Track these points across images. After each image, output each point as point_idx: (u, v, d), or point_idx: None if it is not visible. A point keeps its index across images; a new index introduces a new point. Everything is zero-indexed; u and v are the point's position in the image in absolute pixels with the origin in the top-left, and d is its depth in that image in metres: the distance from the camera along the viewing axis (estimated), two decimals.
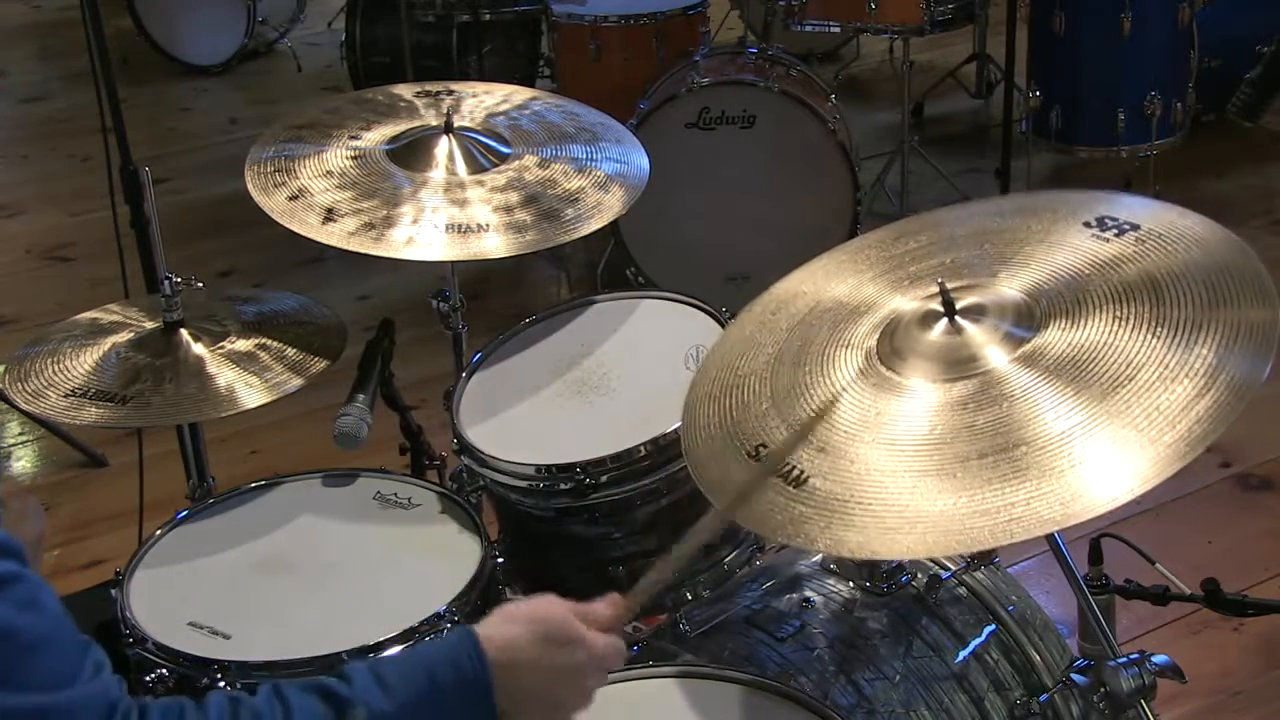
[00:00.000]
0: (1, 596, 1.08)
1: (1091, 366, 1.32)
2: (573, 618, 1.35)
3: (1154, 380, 1.28)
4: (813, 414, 1.42)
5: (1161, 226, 1.45)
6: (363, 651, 1.66)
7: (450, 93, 2.41)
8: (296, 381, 2.01)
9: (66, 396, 1.96)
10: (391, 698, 1.24)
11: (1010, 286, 1.46)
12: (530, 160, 2.24)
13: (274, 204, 2.11)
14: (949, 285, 1.44)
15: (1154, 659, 1.53)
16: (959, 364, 1.39)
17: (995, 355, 1.38)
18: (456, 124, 2.26)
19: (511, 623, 1.33)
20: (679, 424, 1.60)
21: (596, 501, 1.94)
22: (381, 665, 1.28)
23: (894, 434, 1.36)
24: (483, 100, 2.40)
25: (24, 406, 1.99)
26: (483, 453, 1.97)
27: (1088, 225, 1.49)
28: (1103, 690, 1.53)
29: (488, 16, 4.77)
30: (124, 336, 2.09)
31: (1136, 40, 4.02)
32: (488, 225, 2.10)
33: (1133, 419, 1.25)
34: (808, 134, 3.69)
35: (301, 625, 1.74)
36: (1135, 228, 1.46)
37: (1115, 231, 1.46)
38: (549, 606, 1.36)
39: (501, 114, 2.36)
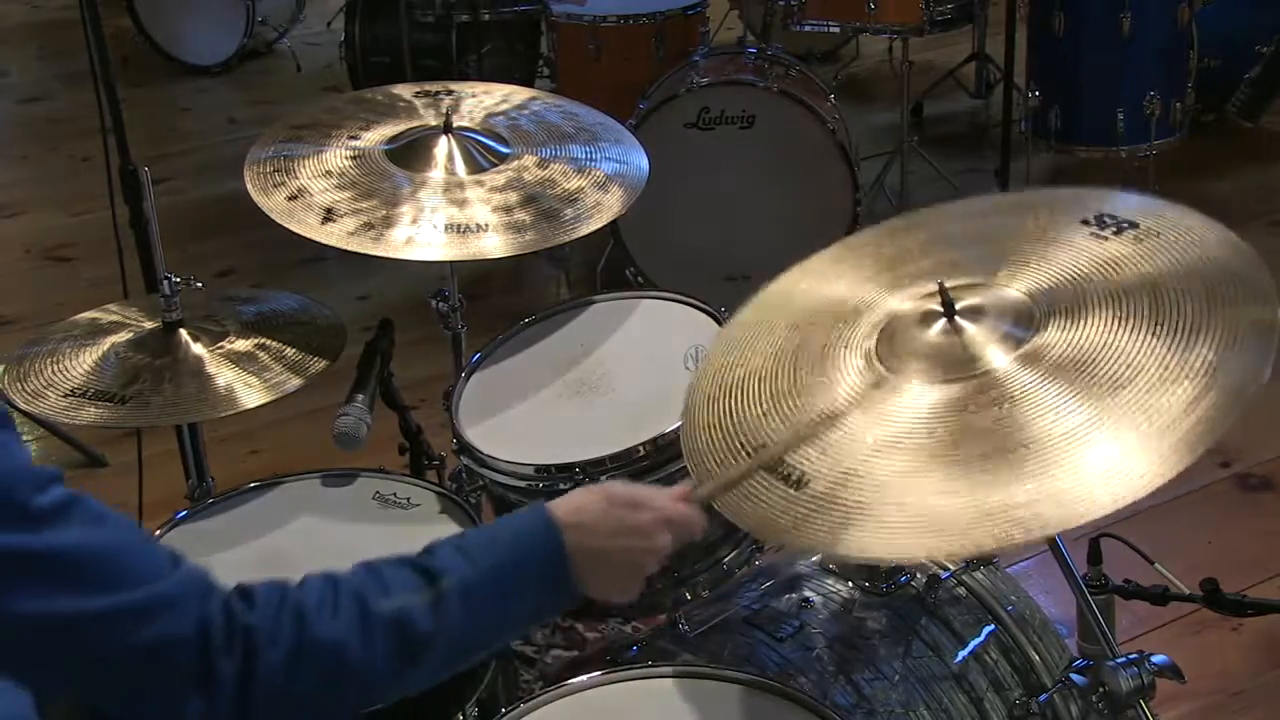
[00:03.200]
0: (70, 520, 1.13)
1: (1092, 367, 1.32)
2: (642, 490, 1.44)
3: (1154, 381, 1.28)
4: (819, 418, 1.42)
5: (1160, 225, 1.45)
6: None
7: (449, 93, 2.41)
8: (296, 381, 2.01)
9: (66, 396, 1.96)
10: (475, 566, 1.31)
11: (1009, 286, 1.46)
12: (529, 160, 2.24)
13: (273, 204, 2.11)
14: (948, 284, 1.44)
15: (1153, 659, 1.53)
16: (959, 365, 1.39)
17: (995, 355, 1.38)
18: (456, 124, 2.26)
19: (581, 492, 1.43)
20: (679, 424, 1.60)
21: None
22: (463, 538, 1.36)
23: (894, 435, 1.36)
24: (482, 100, 2.40)
25: (23, 406, 1.99)
26: (482, 453, 1.97)
27: (1086, 223, 1.49)
28: (1102, 690, 1.53)
29: (487, 16, 4.77)
30: (123, 336, 2.09)
31: (1136, 40, 4.02)
32: (487, 225, 2.10)
33: (1134, 420, 1.25)
34: (807, 134, 3.69)
35: None
36: (1134, 225, 1.46)
37: (1114, 229, 1.46)
38: (618, 484, 1.46)
39: (501, 114, 2.36)
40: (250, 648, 1.20)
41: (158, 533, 1.96)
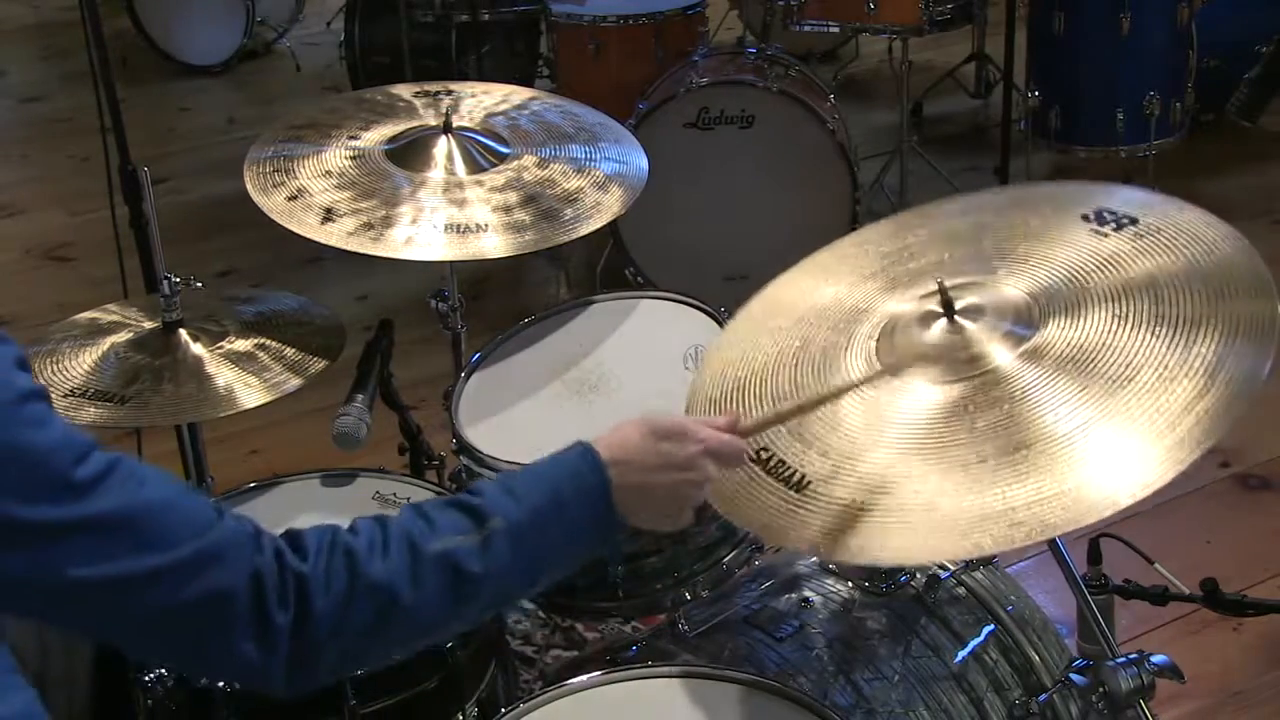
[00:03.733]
0: (111, 485, 1.14)
1: (1091, 367, 1.31)
2: (686, 420, 1.43)
3: (1154, 381, 1.27)
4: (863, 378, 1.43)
5: (1160, 221, 1.45)
6: None
7: (449, 93, 2.41)
8: (296, 381, 2.01)
9: (66, 396, 1.96)
10: (522, 506, 1.31)
11: (1009, 284, 1.46)
12: (529, 160, 2.24)
13: (273, 204, 2.11)
14: (947, 283, 1.44)
15: (1153, 659, 1.53)
16: (959, 364, 1.39)
17: (995, 355, 1.38)
18: (455, 124, 2.26)
19: (624, 426, 1.41)
20: None
21: None
22: (509, 479, 1.36)
23: (894, 436, 1.36)
24: (482, 100, 2.40)
25: None
26: (482, 453, 1.97)
27: (1086, 219, 1.49)
28: (1102, 690, 1.52)
29: (487, 16, 4.77)
30: (123, 336, 2.09)
31: (1135, 40, 4.01)
32: (487, 225, 2.10)
33: (1134, 420, 1.25)
34: (807, 134, 3.69)
35: None
36: (1134, 221, 1.45)
37: (1114, 225, 1.46)
38: (662, 415, 1.43)
39: (500, 114, 2.36)
40: (303, 594, 1.20)
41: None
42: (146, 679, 1.72)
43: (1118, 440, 1.24)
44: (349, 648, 1.23)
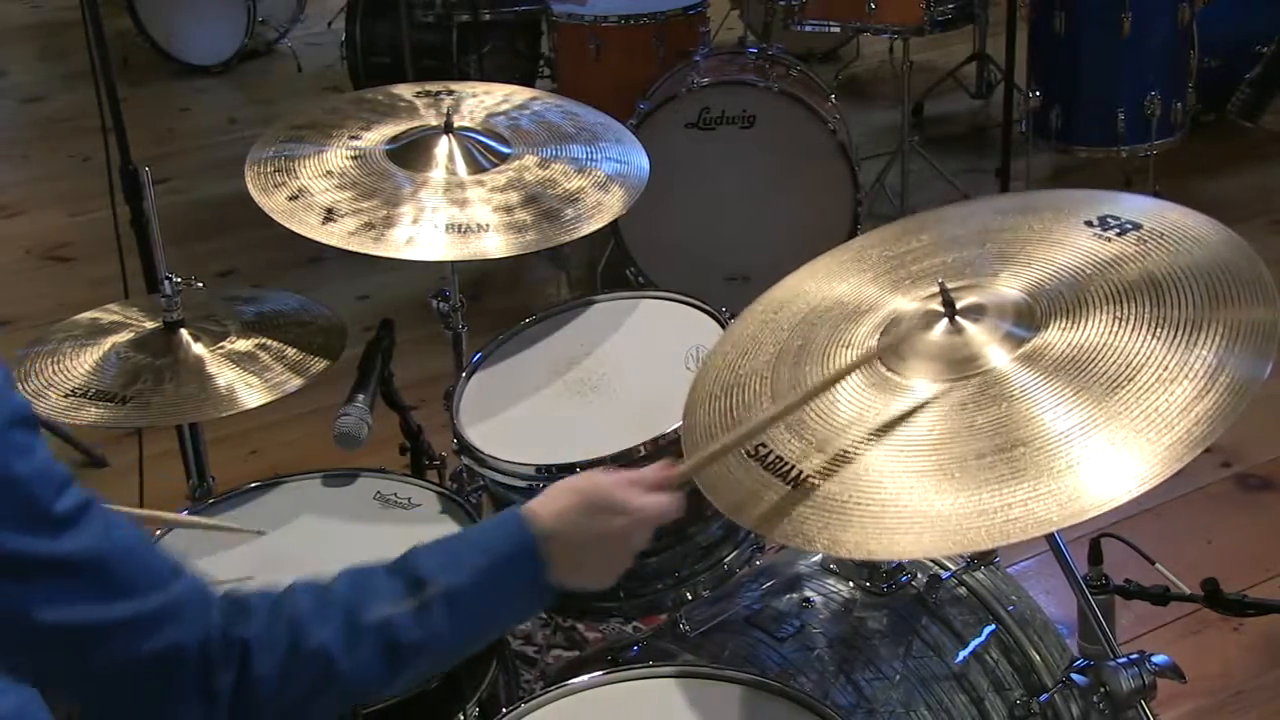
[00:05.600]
0: (86, 524, 1.13)
1: (1091, 367, 1.32)
2: (615, 486, 1.43)
3: (1153, 381, 1.28)
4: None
5: (1163, 226, 1.45)
6: None
7: (450, 93, 2.41)
8: (296, 381, 2.01)
9: (66, 396, 1.96)
10: (459, 576, 1.32)
11: (1011, 286, 1.46)
12: (530, 160, 2.24)
13: (274, 204, 2.11)
14: (949, 285, 1.44)
15: (1154, 659, 1.53)
16: (959, 364, 1.39)
17: (995, 355, 1.38)
18: (456, 124, 2.26)
19: (558, 496, 1.42)
20: (679, 424, 1.60)
21: None
22: (447, 546, 1.37)
23: (893, 434, 1.36)
24: (483, 100, 2.40)
25: None
26: (483, 453, 1.97)
27: (1089, 224, 1.49)
28: (1102, 690, 1.52)
29: (488, 16, 4.77)
30: (124, 336, 2.09)
31: (1136, 40, 4.01)
32: (488, 225, 2.10)
33: (1131, 420, 1.25)
34: (808, 134, 3.69)
35: None
36: (1137, 227, 1.46)
37: (1117, 231, 1.46)
38: (594, 477, 1.45)
39: (501, 114, 2.36)
40: (246, 658, 1.21)
41: (158, 533, 1.96)
42: None
43: (1115, 439, 1.25)
44: (287, 711, 1.24)
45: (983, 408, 1.33)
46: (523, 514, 1.39)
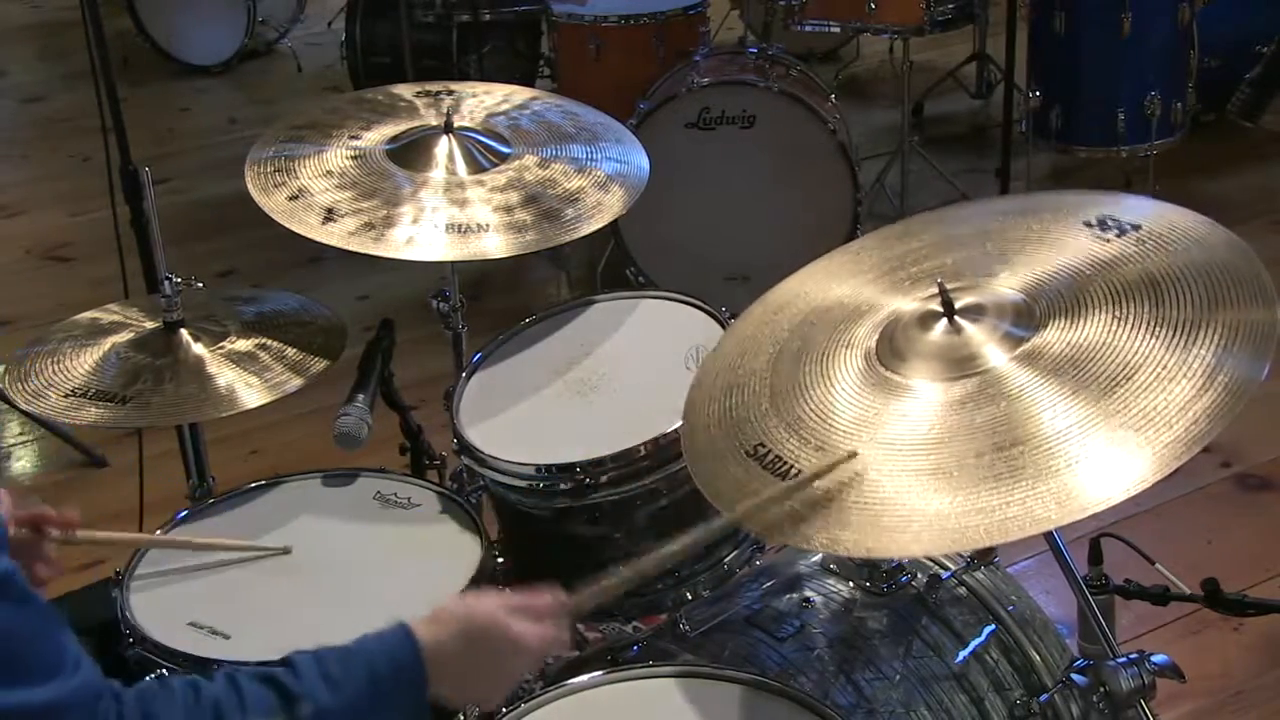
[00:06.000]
0: (3, 595, 1.10)
1: (1090, 366, 1.32)
2: (501, 617, 1.39)
3: (1151, 380, 1.28)
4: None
5: (1162, 227, 1.45)
6: None
7: (450, 92, 2.41)
8: (296, 381, 2.01)
9: (66, 396, 1.96)
10: (336, 693, 1.30)
11: (1010, 286, 1.46)
12: (530, 160, 2.24)
13: (274, 204, 2.11)
14: (949, 285, 1.45)
15: (1154, 659, 1.53)
16: (958, 364, 1.39)
17: (994, 354, 1.39)
18: (456, 124, 2.26)
19: (442, 624, 1.38)
20: (679, 424, 1.60)
21: (596, 501, 1.94)
22: (327, 660, 1.33)
23: (891, 434, 1.36)
24: (483, 100, 2.40)
25: (24, 406, 1.99)
26: (483, 453, 1.97)
27: (1088, 225, 1.49)
28: (1102, 690, 1.53)
29: (488, 16, 4.77)
30: (124, 336, 2.09)
31: (1136, 40, 4.01)
32: (488, 225, 2.10)
33: (1130, 419, 1.25)
34: (808, 134, 3.69)
35: (301, 625, 1.74)
36: (1136, 228, 1.46)
37: (1116, 232, 1.47)
38: (479, 606, 1.41)
39: (501, 114, 2.36)
40: None
41: (158, 532, 1.96)
42: (148, 679, 1.72)
43: (1113, 438, 1.25)
44: None
45: (981, 407, 1.34)
46: (411, 635, 1.36)
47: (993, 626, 1.84)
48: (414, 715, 1.36)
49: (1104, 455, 1.24)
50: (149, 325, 2.11)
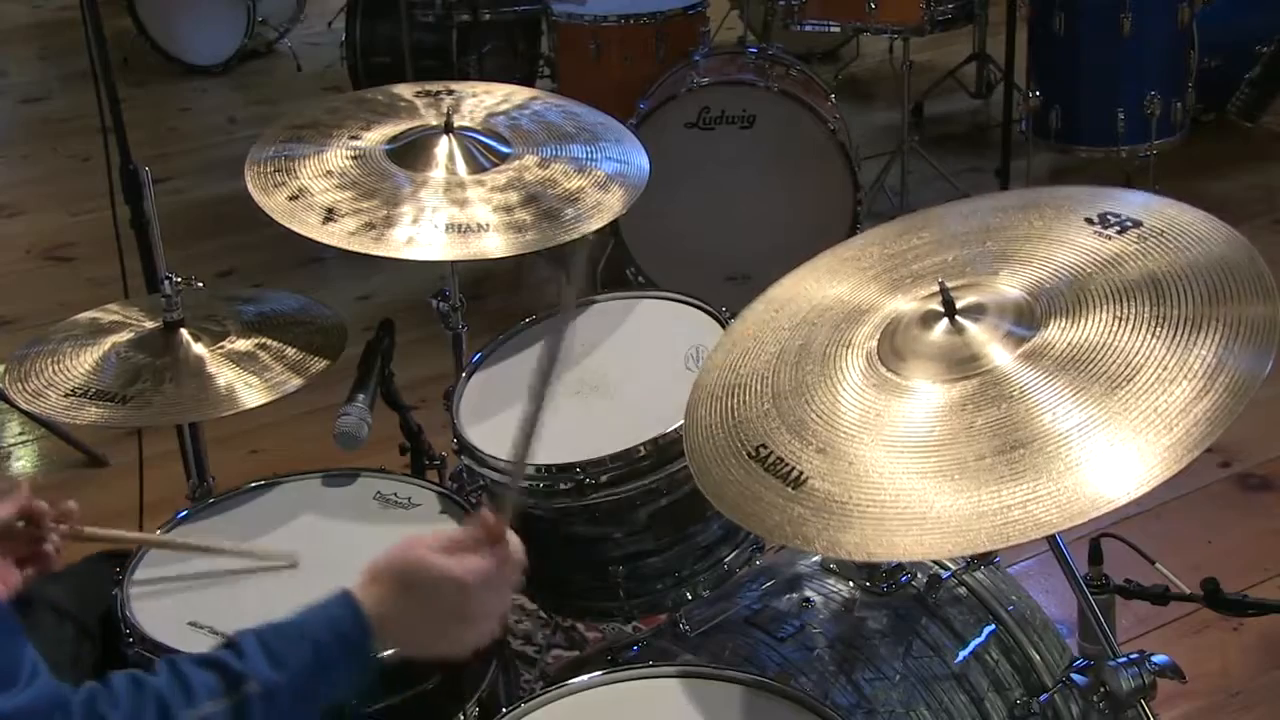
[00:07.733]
0: None
1: (1091, 367, 1.32)
2: (431, 558, 1.37)
3: (1153, 381, 1.28)
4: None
5: (1163, 223, 1.45)
6: None
7: (450, 92, 2.41)
8: (296, 381, 2.00)
9: (66, 396, 1.96)
10: (280, 667, 1.30)
11: (1011, 285, 1.46)
12: (530, 160, 2.24)
13: (274, 204, 2.11)
14: (949, 284, 1.44)
15: (1154, 659, 1.53)
16: (959, 364, 1.39)
17: (995, 354, 1.38)
18: (456, 124, 2.26)
19: (380, 582, 1.37)
20: (679, 424, 1.60)
21: (596, 501, 1.94)
22: (268, 636, 1.33)
23: (893, 435, 1.36)
24: (483, 100, 2.40)
25: (24, 406, 1.99)
26: (483, 453, 1.97)
27: (1090, 222, 1.49)
28: (1102, 690, 1.52)
29: (488, 16, 4.77)
30: (124, 336, 2.09)
31: (1136, 40, 4.01)
32: (488, 225, 2.10)
33: (1131, 420, 1.25)
34: (808, 134, 3.69)
35: None
36: (1137, 224, 1.46)
37: (1117, 228, 1.46)
38: (408, 554, 1.39)
39: (501, 114, 2.36)
40: None
41: (158, 532, 1.96)
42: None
43: (1115, 440, 1.25)
44: None
45: (982, 409, 1.33)
46: (353, 602, 1.35)
47: (993, 626, 1.84)
48: (362, 679, 1.35)
49: (1106, 459, 1.24)
50: (149, 325, 2.11)
